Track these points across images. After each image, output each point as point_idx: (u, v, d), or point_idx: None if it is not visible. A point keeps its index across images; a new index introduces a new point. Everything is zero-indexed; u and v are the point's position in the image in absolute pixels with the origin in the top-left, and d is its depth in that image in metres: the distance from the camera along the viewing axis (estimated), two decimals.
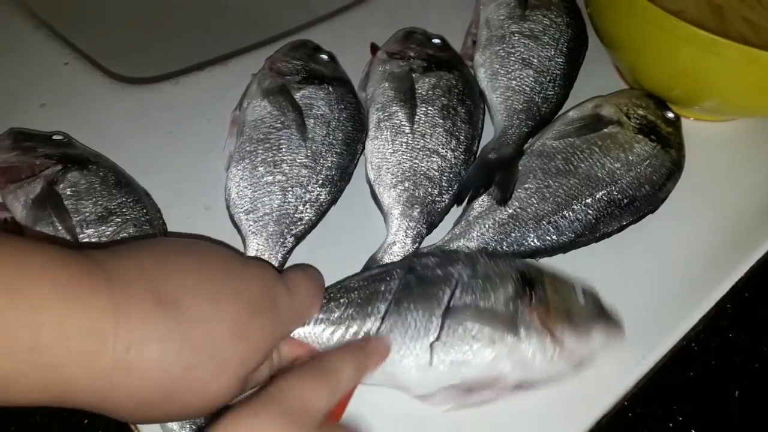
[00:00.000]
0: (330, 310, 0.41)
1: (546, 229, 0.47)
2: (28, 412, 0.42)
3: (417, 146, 0.50)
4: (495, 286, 0.41)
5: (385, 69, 0.54)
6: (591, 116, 0.52)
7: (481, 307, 0.40)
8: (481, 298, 0.41)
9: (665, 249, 0.51)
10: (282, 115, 0.49)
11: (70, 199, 0.44)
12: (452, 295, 0.41)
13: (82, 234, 0.43)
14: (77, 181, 0.45)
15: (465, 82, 0.54)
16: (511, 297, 0.41)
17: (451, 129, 0.51)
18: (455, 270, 0.42)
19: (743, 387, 0.47)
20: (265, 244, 0.46)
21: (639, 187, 0.49)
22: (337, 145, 0.49)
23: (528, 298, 0.41)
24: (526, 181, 0.49)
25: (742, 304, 0.50)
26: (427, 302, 0.41)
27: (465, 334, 0.40)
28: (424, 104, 0.51)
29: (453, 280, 0.41)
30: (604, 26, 0.57)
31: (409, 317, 0.40)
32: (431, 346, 0.40)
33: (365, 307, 0.41)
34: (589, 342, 0.41)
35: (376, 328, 0.40)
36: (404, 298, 0.41)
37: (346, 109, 0.51)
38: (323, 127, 0.49)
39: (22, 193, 0.44)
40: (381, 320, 0.40)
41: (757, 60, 0.46)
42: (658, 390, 0.45)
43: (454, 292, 0.41)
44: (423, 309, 0.40)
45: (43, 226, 0.43)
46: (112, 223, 0.44)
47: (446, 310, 0.40)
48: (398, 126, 0.50)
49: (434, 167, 0.49)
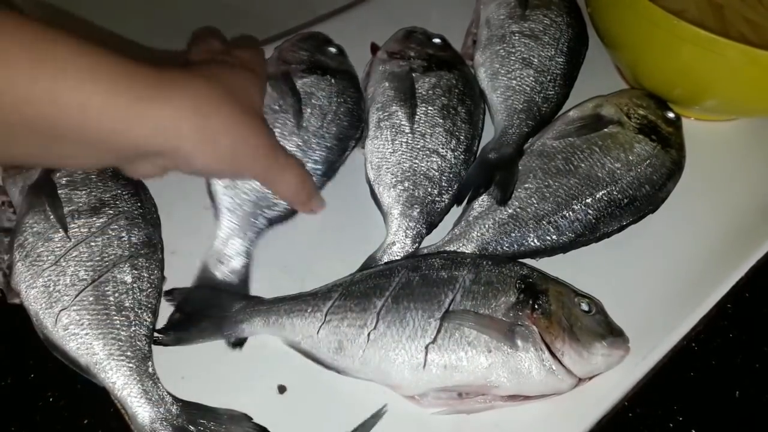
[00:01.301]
0: (328, 298, 0.42)
1: (546, 229, 0.47)
2: (29, 412, 0.42)
3: (417, 146, 0.50)
4: (497, 292, 0.41)
5: (385, 69, 0.54)
6: (591, 116, 0.52)
7: (481, 313, 0.40)
8: (481, 304, 0.40)
9: (665, 249, 0.50)
10: (280, 99, 0.49)
11: (65, 188, 0.44)
12: (453, 299, 0.40)
13: (73, 224, 0.43)
14: (74, 171, 0.45)
15: (465, 82, 0.54)
16: (513, 305, 0.41)
17: (451, 129, 0.51)
18: (460, 273, 0.42)
19: (744, 387, 0.47)
20: (239, 222, 0.46)
21: (639, 187, 0.49)
22: (328, 139, 0.49)
23: (530, 307, 0.41)
24: (526, 181, 0.49)
25: (743, 304, 0.50)
26: (427, 303, 0.41)
27: (461, 340, 0.39)
28: (424, 104, 0.51)
29: (456, 284, 0.41)
30: (605, 26, 0.57)
31: (408, 316, 0.40)
32: (426, 348, 0.39)
33: (363, 301, 0.41)
34: (589, 359, 0.40)
35: (372, 323, 0.40)
36: (405, 296, 0.41)
37: (345, 103, 0.51)
38: (319, 118, 0.50)
39: (20, 179, 0.45)
40: (377, 316, 0.40)
41: (758, 60, 0.46)
42: (659, 390, 0.45)
43: (456, 296, 0.41)
44: (423, 310, 0.40)
45: (35, 213, 0.43)
46: (104, 214, 0.44)
47: (445, 314, 0.40)
48: (398, 126, 0.50)
49: (434, 167, 0.49)
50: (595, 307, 0.42)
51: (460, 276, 0.42)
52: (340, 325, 0.41)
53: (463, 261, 0.43)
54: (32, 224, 0.43)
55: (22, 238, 0.42)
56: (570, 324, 0.41)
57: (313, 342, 0.42)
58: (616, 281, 0.48)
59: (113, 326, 0.41)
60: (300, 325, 0.42)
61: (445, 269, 0.42)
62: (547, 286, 0.42)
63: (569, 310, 0.41)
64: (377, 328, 0.40)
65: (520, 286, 0.41)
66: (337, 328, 0.41)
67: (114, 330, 0.40)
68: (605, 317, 0.43)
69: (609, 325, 0.42)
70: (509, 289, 0.41)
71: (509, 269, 0.43)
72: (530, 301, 0.41)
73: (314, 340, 0.41)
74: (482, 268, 0.42)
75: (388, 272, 0.43)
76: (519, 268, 0.44)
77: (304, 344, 0.42)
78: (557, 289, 0.42)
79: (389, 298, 0.41)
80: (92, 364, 0.40)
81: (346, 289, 0.42)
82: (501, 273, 0.42)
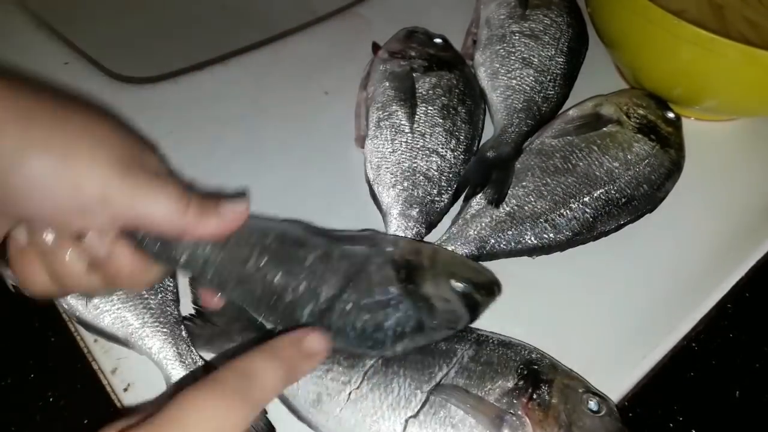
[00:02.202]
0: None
1: (543, 227, 0.47)
2: (29, 413, 0.42)
3: (416, 146, 0.50)
4: (494, 374, 0.38)
5: (386, 68, 0.54)
6: (591, 115, 0.52)
7: (471, 393, 0.37)
8: (475, 384, 0.37)
9: (666, 249, 0.50)
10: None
11: None
12: (447, 374, 0.38)
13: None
14: None
15: (466, 82, 0.54)
16: (509, 390, 0.37)
17: (451, 129, 0.51)
18: (460, 347, 0.39)
19: (744, 387, 0.47)
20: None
21: (637, 186, 0.49)
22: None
23: (527, 395, 0.37)
24: (524, 179, 0.49)
25: (743, 304, 0.50)
26: (418, 372, 0.38)
27: (445, 420, 0.36)
28: (424, 104, 0.51)
29: (453, 357, 0.38)
30: (605, 26, 0.57)
31: (395, 382, 0.37)
32: (407, 421, 0.37)
33: (353, 357, 0.38)
34: None
35: (357, 382, 0.38)
36: (397, 360, 0.38)
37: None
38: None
39: None
40: (363, 375, 0.38)
41: (758, 60, 0.46)
42: (659, 390, 0.45)
43: (450, 371, 0.38)
44: (412, 378, 0.37)
45: None
46: None
47: (434, 387, 0.37)
48: (398, 125, 0.50)
49: (433, 167, 0.49)
50: (606, 408, 0.38)
51: (459, 350, 0.39)
52: (323, 377, 0.38)
53: (467, 335, 0.40)
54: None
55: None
56: (569, 422, 0.37)
57: (292, 389, 0.39)
58: (616, 281, 0.48)
59: (141, 296, 0.42)
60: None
61: (445, 340, 0.39)
62: (553, 377, 0.38)
63: (573, 406, 0.37)
64: (360, 388, 0.37)
65: (522, 371, 0.38)
66: (320, 379, 0.38)
67: (143, 300, 0.42)
68: (617, 422, 0.38)
69: (617, 426, 0.38)
70: (509, 372, 0.38)
71: (515, 352, 0.39)
72: (528, 390, 0.37)
73: (293, 386, 0.39)
74: (485, 346, 0.39)
75: None
76: (527, 352, 0.40)
77: None
78: (564, 382, 0.38)
79: (380, 359, 0.38)
80: (129, 335, 0.41)
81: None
82: (504, 354, 0.39)
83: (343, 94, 0.56)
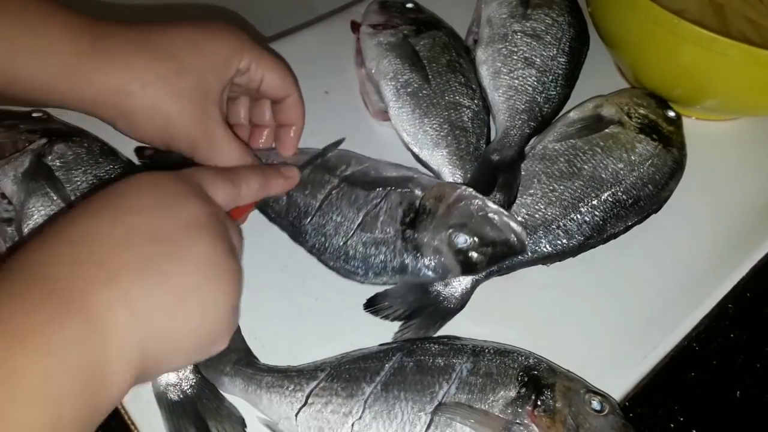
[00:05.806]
0: (313, 378, 0.38)
1: (556, 233, 0.47)
2: None
3: (441, 103, 0.51)
4: (496, 385, 0.37)
5: (379, 41, 0.54)
6: (592, 116, 0.52)
7: (475, 408, 0.36)
8: (477, 398, 0.37)
9: (666, 249, 0.50)
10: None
11: (60, 170, 0.45)
12: (447, 391, 0.37)
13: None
14: (64, 153, 0.45)
15: (455, 37, 0.57)
16: (512, 400, 0.37)
17: (462, 80, 0.53)
18: (458, 362, 0.38)
19: (745, 387, 0.47)
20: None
21: (643, 186, 0.49)
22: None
23: (532, 403, 0.37)
24: (531, 187, 0.48)
25: (744, 304, 0.50)
26: (419, 394, 0.37)
27: None
28: (431, 63, 0.53)
29: (453, 373, 0.38)
30: (606, 25, 0.57)
31: (397, 407, 0.37)
32: None
33: (351, 385, 0.38)
34: None
35: (358, 412, 0.37)
36: (396, 384, 0.38)
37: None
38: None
39: (10, 168, 0.45)
40: (363, 404, 0.37)
41: (759, 59, 0.46)
42: (659, 390, 0.45)
43: (450, 388, 0.37)
44: (413, 401, 0.37)
45: (38, 197, 0.43)
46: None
47: (437, 407, 0.37)
48: (417, 90, 0.52)
49: (464, 117, 0.51)
50: (609, 406, 0.38)
51: (457, 364, 0.38)
52: (323, 410, 0.37)
53: (463, 348, 0.40)
54: (39, 207, 0.43)
55: (31, 222, 0.43)
56: (576, 424, 0.36)
57: (290, 425, 0.38)
58: (616, 281, 0.48)
59: None
60: (277, 402, 0.38)
61: (442, 356, 0.39)
62: (554, 380, 0.38)
63: (578, 408, 0.37)
64: (362, 418, 0.37)
65: (522, 379, 0.38)
66: (319, 413, 0.37)
67: None
68: (620, 418, 0.38)
69: (624, 428, 0.38)
70: (510, 382, 0.37)
71: (513, 359, 0.39)
72: (532, 397, 0.37)
73: (292, 423, 0.38)
74: (482, 357, 0.39)
75: (381, 355, 0.39)
76: (524, 358, 0.40)
77: (281, 426, 0.38)
78: (565, 384, 0.38)
79: (379, 385, 0.37)
80: None
81: (335, 369, 0.39)
82: (503, 363, 0.39)
83: (343, 94, 0.56)
